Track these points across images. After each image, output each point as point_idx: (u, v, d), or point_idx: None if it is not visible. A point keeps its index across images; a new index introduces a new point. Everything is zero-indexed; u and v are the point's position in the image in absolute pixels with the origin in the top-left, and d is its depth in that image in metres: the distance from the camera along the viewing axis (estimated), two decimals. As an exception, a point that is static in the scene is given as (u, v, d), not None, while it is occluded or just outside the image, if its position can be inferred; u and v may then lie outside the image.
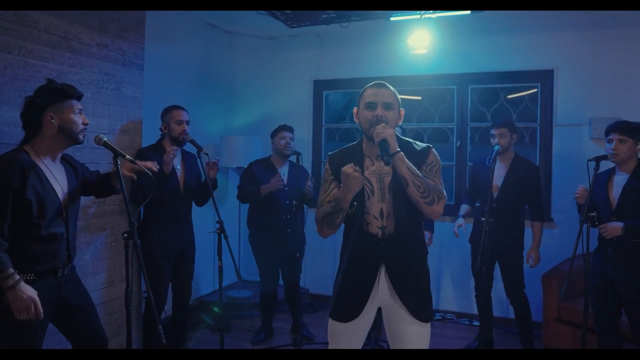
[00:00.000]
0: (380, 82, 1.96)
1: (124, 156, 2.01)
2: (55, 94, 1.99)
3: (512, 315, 3.97)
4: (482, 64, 4.18)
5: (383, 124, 1.83)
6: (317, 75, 4.81)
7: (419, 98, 4.67)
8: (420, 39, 3.72)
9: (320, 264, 4.70)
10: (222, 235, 2.80)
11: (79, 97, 2.06)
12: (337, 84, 4.83)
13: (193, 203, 3.22)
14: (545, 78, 4.07)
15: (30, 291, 1.86)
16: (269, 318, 3.77)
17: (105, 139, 2.03)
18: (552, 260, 3.86)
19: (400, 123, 1.99)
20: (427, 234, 3.62)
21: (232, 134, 4.66)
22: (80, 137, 2.05)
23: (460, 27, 4.15)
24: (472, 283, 3.71)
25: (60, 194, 2.01)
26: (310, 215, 4.66)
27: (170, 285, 3.14)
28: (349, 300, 1.98)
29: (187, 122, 3.04)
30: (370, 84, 1.97)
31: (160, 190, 2.78)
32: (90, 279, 2.69)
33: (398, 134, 1.90)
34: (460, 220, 3.50)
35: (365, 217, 1.95)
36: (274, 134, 3.63)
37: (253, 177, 3.53)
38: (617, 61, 3.85)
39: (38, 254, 1.95)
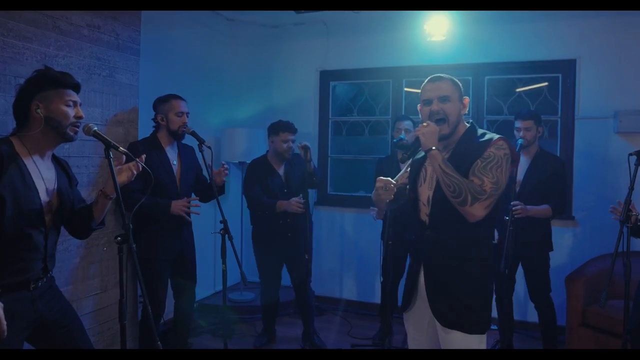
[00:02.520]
0: (437, 75, 1.92)
1: (117, 148, 1.76)
2: (44, 81, 1.73)
3: (530, 318, 3.77)
4: (500, 53, 3.93)
5: (427, 122, 1.82)
6: (323, 65, 4.56)
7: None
8: (438, 25, 3.47)
9: (326, 264, 4.48)
10: (227, 236, 2.55)
11: (74, 86, 1.79)
12: (344, 74, 4.58)
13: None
14: (567, 68, 3.83)
15: None
16: (270, 321, 3.54)
17: (95, 128, 1.78)
18: (574, 261, 3.65)
19: (465, 111, 1.90)
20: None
21: (234, 127, 4.41)
22: (70, 132, 1.76)
23: (479, 13, 3.90)
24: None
25: (42, 196, 1.75)
26: (317, 214, 4.43)
27: (170, 290, 2.90)
28: (405, 289, 2.01)
29: (187, 114, 2.80)
30: (428, 78, 1.94)
31: (156, 188, 2.52)
32: (81, 285, 2.46)
33: (472, 124, 1.91)
34: None
35: (418, 203, 1.96)
36: (273, 131, 3.32)
37: (258, 180, 3.28)
38: (644, 50, 3.62)
39: (6, 261, 1.68)
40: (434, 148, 1.77)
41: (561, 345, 3.33)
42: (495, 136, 1.82)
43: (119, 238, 1.71)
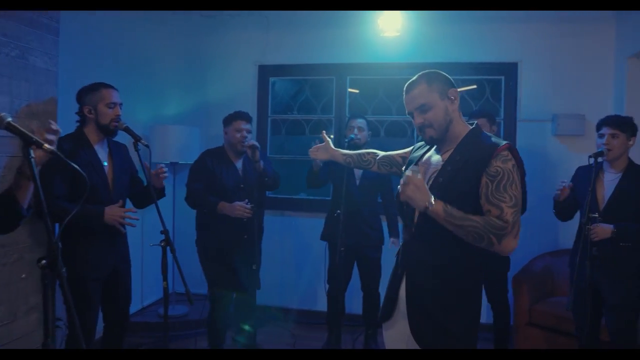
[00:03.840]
0: (409, 83, 1.74)
1: (40, 145, 1.37)
2: None
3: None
4: (446, 54, 3.90)
5: (405, 177, 1.56)
6: (262, 59, 4.27)
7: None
8: (392, 21, 3.34)
9: (264, 270, 4.19)
10: (169, 248, 2.20)
11: None
12: (285, 69, 4.32)
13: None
14: (509, 71, 3.89)
15: None
16: (220, 341, 3.07)
17: (9, 119, 1.38)
18: (517, 260, 3.69)
19: (456, 104, 1.71)
20: (394, 240, 3.31)
21: (164, 124, 3.98)
22: None
23: (428, 12, 3.83)
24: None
25: None
26: (283, 219, 4.14)
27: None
28: (387, 297, 1.85)
29: (121, 106, 2.39)
30: (404, 88, 1.76)
31: (83, 192, 2.09)
32: (-17, 316, 1.97)
33: (477, 126, 1.74)
34: None
35: (407, 208, 1.76)
36: (226, 122, 3.05)
37: (207, 172, 2.93)
38: (579, 57, 3.76)
39: None
40: (429, 204, 1.54)
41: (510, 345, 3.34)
42: (501, 142, 1.63)
43: (44, 261, 1.33)
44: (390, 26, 3.34)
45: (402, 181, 1.56)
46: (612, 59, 3.72)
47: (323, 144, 2.31)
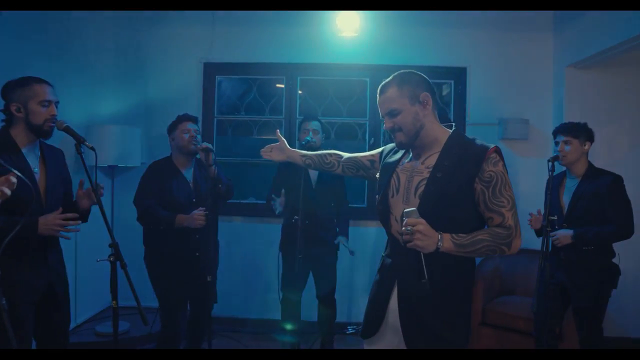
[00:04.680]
0: (382, 85, 1.70)
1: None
2: None
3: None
4: (398, 57, 3.90)
5: (405, 227, 1.50)
6: (208, 56, 4.04)
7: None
8: (350, 21, 3.26)
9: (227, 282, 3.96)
10: (119, 264, 1.96)
11: None
12: (232, 68, 4.12)
13: None
14: (458, 76, 3.97)
15: None
16: None
17: None
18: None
19: (428, 108, 1.65)
20: (341, 238, 3.21)
21: (102, 124, 3.64)
22: None
23: (384, 14, 3.81)
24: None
25: None
26: (230, 225, 3.90)
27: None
28: (369, 312, 1.80)
29: (57, 104, 2.10)
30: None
31: (10, 205, 1.80)
32: None
33: (457, 128, 1.72)
34: None
35: (389, 217, 1.72)
36: (172, 128, 2.80)
37: (157, 187, 2.68)
38: (523, 64, 3.91)
39: None
40: (440, 244, 1.50)
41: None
42: (488, 145, 1.62)
43: (-20, 291, 1.09)
44: (349, 26, 3.27)
45: (403, 229, 1.50)
46: (551, 67, 3.91)
47: (277, 144, 2.16)
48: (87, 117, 3.67)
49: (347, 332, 3.86)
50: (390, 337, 1.71)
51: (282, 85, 4.17)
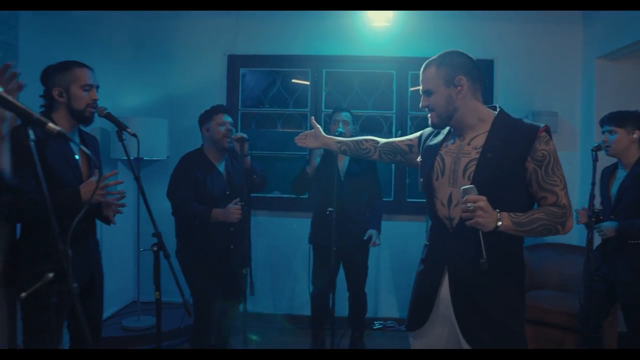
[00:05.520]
0: (426, 63, 1.70)
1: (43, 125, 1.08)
2: None
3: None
4: (425, 49, 3.84)
5: (467, 198, 1.47)
6: (232, 49, 4.00)
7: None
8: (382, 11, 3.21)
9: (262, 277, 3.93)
10: (163, 253, 1.93)
11: None
12: (257, 60, 4.08)
13: None
14: (486, 68, 3.90)
15: None
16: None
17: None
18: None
19: (462, 92, 1.61)
20: (372, 232, 3.15)
21: (125, 115, 3.60)
22: None
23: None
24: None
25: None
26: (254, 220, 3.85)
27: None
28: (415, 303, 1.76)
29: (97, 88, 2.07)
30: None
31: (55, 189, 1.75)
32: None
33: (502, 109, 1.68)
34: None
35: (434, 200, 1.68)
36: (206, 118, 2.73)
37: (191, 180, 2.62)
38: (552, 56, 3.85)
39: None
40: (499, 222, 1.47)
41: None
42: (539, 125, 1.59)
43: (51, 275, 1.05)
44: (381, 15, 3.21)
45: (463, 206, 1.46)
46: (580, 59, 3.84)
47: (312, 131, 2.15)
48: (112, 109, 3.57)
49: (374, 327, 3.82)
50: (440, 328, 1.68)
51: (299, 81, 4.13)
